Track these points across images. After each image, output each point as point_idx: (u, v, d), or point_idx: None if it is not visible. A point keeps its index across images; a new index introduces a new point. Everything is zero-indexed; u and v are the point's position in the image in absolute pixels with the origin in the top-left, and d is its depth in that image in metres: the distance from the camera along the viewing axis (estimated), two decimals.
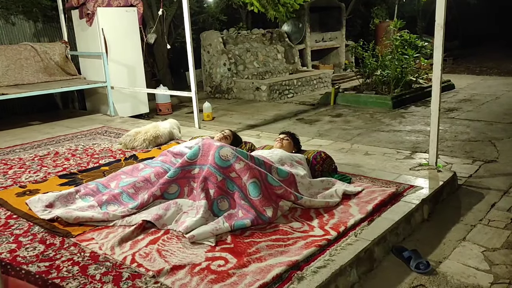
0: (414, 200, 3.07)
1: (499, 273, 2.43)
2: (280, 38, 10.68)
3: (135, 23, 7.01)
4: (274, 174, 2.99)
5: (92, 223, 2.79)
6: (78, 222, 2.77)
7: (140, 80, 7.21)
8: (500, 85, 9.15)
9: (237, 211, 2.78)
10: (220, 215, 2.75)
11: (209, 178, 2.87)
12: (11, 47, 6.54)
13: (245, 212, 2.74)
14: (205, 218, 2.67)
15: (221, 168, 2.87)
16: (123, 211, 2.84)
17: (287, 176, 3.03)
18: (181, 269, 2.23)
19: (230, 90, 9.26)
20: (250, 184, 2.80)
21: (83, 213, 2.82)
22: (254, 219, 2.69)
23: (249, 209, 2.74)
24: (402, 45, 7.99)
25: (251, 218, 2.68)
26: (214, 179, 2.85)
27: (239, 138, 4.00)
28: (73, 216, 2.78)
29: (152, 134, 4.70)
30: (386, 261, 2.60)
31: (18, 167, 4.18)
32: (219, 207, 2.81)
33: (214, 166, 2.88)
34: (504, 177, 3.90)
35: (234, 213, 2.77)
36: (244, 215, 2.73)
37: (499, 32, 17.05)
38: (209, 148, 3.01)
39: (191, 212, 2.77)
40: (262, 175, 2.87)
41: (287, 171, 3.07)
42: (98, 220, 2.79)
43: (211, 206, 2.79)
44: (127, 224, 2.76)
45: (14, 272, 2.26)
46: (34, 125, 6.24)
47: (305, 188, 3.09)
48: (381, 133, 5.72)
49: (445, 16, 3.42)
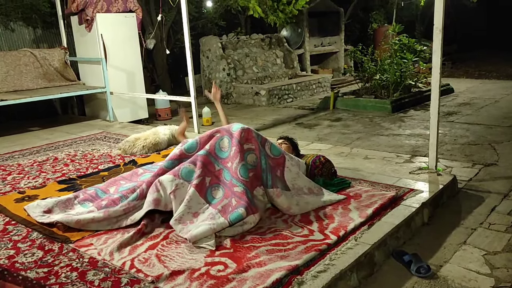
0: (414, 203, 3.06)
1: (500, 277, 2.42)
2: (279, 43, 10.71)
3: (134, 29, 7.03)
4: (267, 150, 3.06)
5: (94, 227, 2.77)
6: (80, 225, 2.75)
7: (139, 86, 7.22)
8: (499, 89, 9.16)
9: (230, 199, 2.79)
10: (212, 202, 2.79)
11: (207, 166, 2.91)
12: (11, 53, 6.55)
13: (238, 200, 2.74)
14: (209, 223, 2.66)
15: (219, 158, 2.95)
16: (123, 205, 2.84)
17: (279, 156, 3.10)
18: (181, 274, 2.22)
19: (229, 95, 9.27)
20: (241, 167, 2.84)
21: (84, 216, 2.81)
22: (248, 206, 2.69)
23: (241, 195, 2.74)
24: (401, 49, 8.01)
25: (245, 206, 2.68)
26: (212, 167, 2.91)
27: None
28: (74, 220, 2.76)
29: (151, 141, 4.69)
30: (387, 265, 2.59)
31: (17, 173, 4.17)
32: (212, 194, 2.85)
33: (214, 156, 2.95)
34: (504, 180, 3.90)
35: (227, 203, 2.77)
36: (237, 202, 2.73)
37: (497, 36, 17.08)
38: (207, 140, 3.06)
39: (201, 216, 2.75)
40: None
41: (281, 151, 3.14)
42: (99, 219, 2.78)
43: (205, 194, 2.82)
44: (132, 222, 2.76)
45: (11, 278, 2.24)
46: (33, 131, 6.23)
47: (291, 176, 3.09)
48: (381, 137, 5.72)
49: (443, 20, 3.43)
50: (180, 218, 2.72)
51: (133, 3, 7.04)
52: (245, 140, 2.96)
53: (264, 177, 2.96)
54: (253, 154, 2.97)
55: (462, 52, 15.64)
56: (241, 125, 3.05)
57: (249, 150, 2.96)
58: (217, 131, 3.09)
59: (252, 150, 2.97)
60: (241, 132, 2.96)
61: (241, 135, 2.94)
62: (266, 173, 2.97)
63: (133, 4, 7.04)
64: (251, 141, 2.99)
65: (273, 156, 3.08)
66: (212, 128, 3.20)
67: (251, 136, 3.01)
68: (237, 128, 3.00)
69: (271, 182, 2.95)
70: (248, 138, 2.98)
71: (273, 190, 2.93)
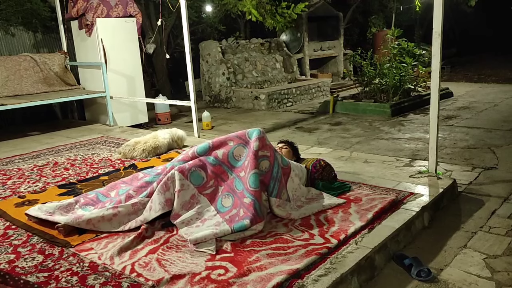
0: (414, 207, 3.06)
1: (501, 280, 2.42)
2: (279, 48, 10.74)
3: (134, 34, 7.05)
4: (279, 159, 3.10)
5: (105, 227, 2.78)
6: (91, 225, 2.77)
7: (139, 90, 7.23)
8: (498, 93, 9.18)
9: (239, 210, 2.80)
10: (221, 211, 2.81)
11: (221, 175, 2.94)
12: (11, 58, 6.56)
13: (245, 211, 2.76)
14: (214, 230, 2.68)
15: (233, 167, 2.97)
16: (133, 202, 2.87)
17: (287, 166, 3.15)
18: (181, 278, 2.22)
19: (229, 99, 9.28)
20: (251, 175, 2.84)
21: (94, 214, 2.81)
22: (253, 218, 2.70)
23: (249, 207, 2.76)
24: (400, 54, 8.04)
25: (250, 218, 2.69)
26: (225, 176, 2.94)
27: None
28: (85, 220, 2.77)
29: (151, 144, 4.70)
30: (387, 269, 2.59)
31: (17, 177, 4.17)
32: (222, 203, 2.87)
33: (227, 165, 2.97)
34: (504, 184, 3.90)
35: (235, 213, 2.79)
36: (245, 213, 2.75)
37: (496, 39, 17.15)
38: (220, 145, 3.07)
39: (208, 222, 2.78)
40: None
41: (288, 162, 3.20)
42: (110, 217, 2.79)
43: (216, 203, 2.85)
44: (142, 223, 2.78)
45: (13, 282, 2.24)
46: (33, 135, 6.24)
47: (292, 187, 3.13)
48: (380, 141, 5.72)
49: (442, 24, 3.45)
50: (188, 222, 2.76)
51: (133, 8, 7.07)
52: (261, 147, 2.96)
53: (271, 185, 2.98)
54: (267, 160, 2.98)
55: (461, 56, 15.69)
56: (257, 131, 3.03)
57: (264, 156, 2.97)
58: (230, 139, 3.06)
59: (267, 157, 2.99)
60: (257, 139, 2.96)
61: (258, 142, 2.95)
62: (274, 182, 3.00)
63: (133, 9, 7.06)
64: (267, 149, 3.00)
65: (283, 166, 3.12)
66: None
67: (268, 143, 3.02)
68: (254, 135, 2.99)
69: (277, 191, 2.98)
70: (264, 145, 2.99)
71: (275, 200, 2.96)
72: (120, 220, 2.82)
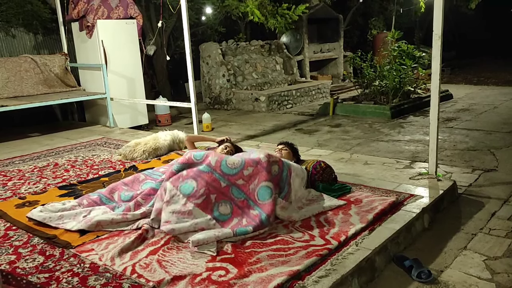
0: (414, 209, 3.06)
1: (501, 282, 2.42)
2: (279, 49, 10.75)
3: (134, 35, 7.06)
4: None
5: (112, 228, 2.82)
6: (99, 227, 2.80)
7: (140, 92, 7.24)
8: (498, 95, 9.20)
9: (241, 219, 2.81)
10: (220, 219, 2.80)
11: (212, 183, 2.92)
12: (11, 59, 6.57)
13: (250, 220, 2.78)
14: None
15: (225, 175, 2.95)
16: (142, 211, 2.91)
17: (288, 168, 3.18)
18: (182, 279, 2.22)
19: (229, 101, 9.29)
20: (261, 188, 2.89)
21: (103, 217, 2.85)
22: (257, 226, 2.72)
23: (254, 218, 2.78)
24: (400, 56, 8.05)
25: (254, 226, 2.71)
26: (217, 184, 2.91)
27: (241, 150, 4.00)
28: (94, 223, 2.81)
29: (151, 145, 4.70)
30: (388, 270, 2.59)
31: (18, 178, 4.17)
32: (219, 210, 2.85)
33: (219, 173, 2.96)
34: (504, 186, 3.91)
35: (237, 222, 2.81)
36: (248, 222, 2.77)
37: (496, 42, 17.17)
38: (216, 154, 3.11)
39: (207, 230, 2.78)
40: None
41: (289, 163, 3.24)
42: (118, 221, 2.84)
43: (212, 210, 2.83)
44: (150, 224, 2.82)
45: (15, 282, 2.24)
46: (33, 136, 6.24)
47: (293, 189, 3.14)
48: (380, 143, 5.73)
49: (442, 27, 3.46)
50: (185, 234, 2.72)
51: (134, 10, 7.08)
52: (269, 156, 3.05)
53: (281, 186, 3.04)
54: (276, 165, 3.05)
55: (461, 58, 15.71)
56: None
57: (274, 162, 3.04)
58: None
59: (276, 162, 3.06)
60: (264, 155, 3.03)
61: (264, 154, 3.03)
62: (284, 184, 3.06)
63: (133, 10, 7.07)
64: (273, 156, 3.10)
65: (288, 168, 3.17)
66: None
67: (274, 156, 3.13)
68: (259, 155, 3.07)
69: (285, 194, 3.03)
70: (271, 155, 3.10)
71: (280, 200, 2.98)
72: (128, 223, 2.88)
